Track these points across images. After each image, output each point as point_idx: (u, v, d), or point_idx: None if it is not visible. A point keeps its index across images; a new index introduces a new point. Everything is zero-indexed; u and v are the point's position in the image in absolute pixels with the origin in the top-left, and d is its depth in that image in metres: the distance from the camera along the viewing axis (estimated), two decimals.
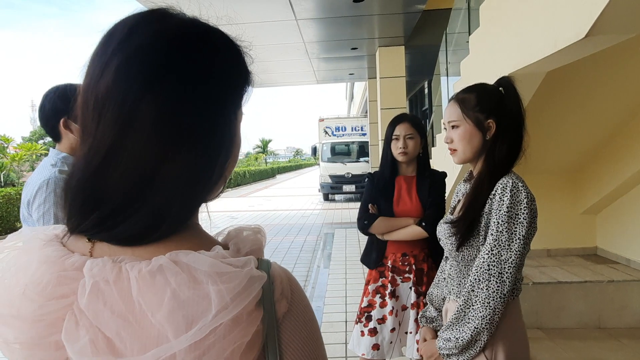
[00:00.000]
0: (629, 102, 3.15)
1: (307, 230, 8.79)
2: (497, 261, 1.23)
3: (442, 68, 5.63)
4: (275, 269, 0.52)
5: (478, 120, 1.35)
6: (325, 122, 15.11)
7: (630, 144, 3.37)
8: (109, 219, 0.47)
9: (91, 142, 0.47)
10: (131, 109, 0.45)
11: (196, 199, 0.51)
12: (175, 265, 0.45)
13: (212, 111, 0.49)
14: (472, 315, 1.24)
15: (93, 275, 0.44)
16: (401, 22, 6.29)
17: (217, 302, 0.43)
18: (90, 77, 0.48)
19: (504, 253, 1.23)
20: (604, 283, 3.39)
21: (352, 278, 4.97)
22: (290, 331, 0.49)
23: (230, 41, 0.52)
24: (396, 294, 2.04)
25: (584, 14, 1.75)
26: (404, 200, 2.05)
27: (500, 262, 1.23)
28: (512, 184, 1.25)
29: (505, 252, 1.23)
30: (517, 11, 2.54)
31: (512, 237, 1.23)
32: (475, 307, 1.24)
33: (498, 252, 1.23)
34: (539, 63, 2.25)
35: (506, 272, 1.22)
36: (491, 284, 1.23)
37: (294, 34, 6.56)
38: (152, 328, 0.43)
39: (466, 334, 1.24)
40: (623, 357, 2.96)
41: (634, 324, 3.35)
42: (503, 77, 1.39)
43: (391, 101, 7.43)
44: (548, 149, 3.49)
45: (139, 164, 0.46)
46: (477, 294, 1.24)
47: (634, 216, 3.62)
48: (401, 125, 2.04)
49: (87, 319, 0.43)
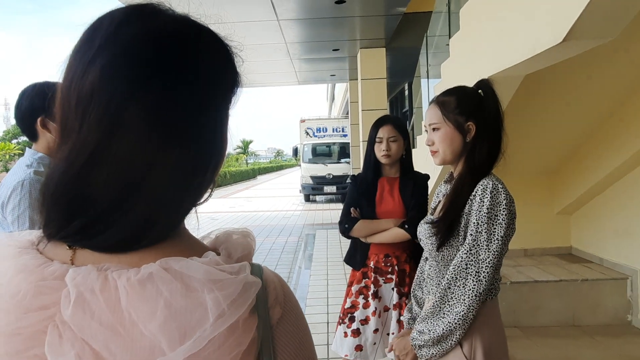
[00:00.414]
0: (603, 106, 3.25)
1: (289, 232, 8.77)
2: (475, 260, 1.25)
3: (422, 70, 5.69)
4: (267, 274, 0.51)
5: (458, 123, 1.37)
6: (307, 123, 15.11)
7: (604, 146, 3.47)
8: (93, 225, 0.44)
9: (73, 143, 0.44)
10: (118, 109, 0.42)
11: (187, 203, 0.49)
12: (166, 272, 0.43)
13: (203, 113, 0.47)
14: (447, 310, 1.26)
15: (77, 284, 0.41)
16: (382, 24, 6.34)
17: (214, 310, 0.42)
18: (73, 73, 0.45)
19: (482, 253, 1.25)
20: (578, 282, 3.48)
21: (333, 279, 4.98)
22: (284, 337, 0.48)
23: (221, 41, 0.50)
24: (379, 295, 2.05)
25: (562, 19, 1.79)
26: (386, 201, 2.06)
27: (478, 262, 1.25)
28: (492, 186, 1.27)
29: (483, 252, 1.25)
30: (497, 15, 2.59)
31: (491, 238, 1.25)
32: (451, 303, 1.26)
33: (476, 251, 1.25)
34: (517, 66, 2.29)
35: (483, 272, 1.24)
36: (468, 282, 1.25)
37: (275, 35, 6.53)
38: (143, 340, 0.41)
39: (439, 328, 1.26)
40: (596, 353, 3.04)
41: (606, 321, 3.45)
42: (482, 80, 1.41)
43: (372, 102, 7.48)
44: (525, 151, 3.57)
45: (126, 167, 0.43)
46: (454, 291, 1.26)
47: (607, 217, 3.73)
48: (384, 128, 2.05)
49: (72, 331, 0.40)
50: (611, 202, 3.67)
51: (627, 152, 3.23)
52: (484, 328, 1.29)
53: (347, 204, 2.14)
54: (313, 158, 14.51)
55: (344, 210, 2.13)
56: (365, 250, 2.09)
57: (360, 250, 2.10)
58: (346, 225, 2.06)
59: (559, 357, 3.00)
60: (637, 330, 3.35)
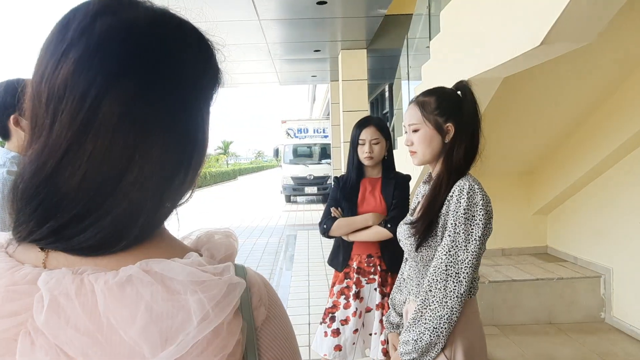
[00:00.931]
0: (579, 109, 3.33)
1: (270, 232, 8.72)
2: (454, 261, 1.25)
3: (403, 72, 5.74)
4: (251, 275, 0.49)
5: (437, 124, 1.37)
6: (288, 124, 15.07)
7: (579, 147, 3.56)
8: (67, 227, 0.42)
9: (44, 141, 0.41)
10: (92, 105, 0.40)
11: (167, 204, 0.46)
12: (147, 275, 0.41)
13: (182, 108, 0.45)
14: (430, 315, 1.25)
15: (50, 288, 0.39)
16: (363, 26, 6.38)
17: (198, 312, 0.40)
18: (44, 67, 0.42)
19: (460, 254, 1.25)
20: (554, 280, 3.56)
21: (315, 280, 4.97)
22: (269, 339, 0.47)
23: (201, 35, 0.49)
24: (360, 296, 2.05)
25: (540, 23, 1.83)
26: (368, 201, 2.07)
27: (457, 263, 1.25)
28: (469, 187, 1.28)
29: (462, 252, 1.25)
30: (477, 18, 2.62)
31: (469, 238, 1.25)
32: (433, 307, 1.25)
33: (455, 252, 1.25)
34: (497, 69, 2.33)
35: (463, 272, 1.25)
36: (448, 284, 1.25)
37: (256, 35, 6.50)
38: (123, 345, 0.39)
39: (425, 335, 1.24)
40: (571, 350, 3.12)
41: (580, 319, 3.54)
42: (461, 81, 1.42)
43: (353, 104, 7.52)
44: (503, 152, 3.63)
45: (101, 167, 0.41)
46: (435, 294, 1.26)
47: (581, 217, 3.83)
48: (367, 130, 2.05)
49: (46, 338, 0.38)
50: (585, 202, 3.77)
51: (600, 154, 3.32)
52: (464, 327, 1.29)
53: (328, 204, 2.17)
54: (294, 159, 14.49)
55: (325, 211, 2.15)
56: (348, 251, 2.09)
57: (343, 251, 2.10)
58: (324, 226, 2.07)
59: (536, 354, 3.06)
60: (610, 327, 3.44)
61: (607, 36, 2.38)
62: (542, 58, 2.15)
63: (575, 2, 1.62)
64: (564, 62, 2.67)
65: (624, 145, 3.14)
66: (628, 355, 3.00)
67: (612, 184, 3.45)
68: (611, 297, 3.48)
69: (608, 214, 3.49)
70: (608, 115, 3.23)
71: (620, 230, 3.36)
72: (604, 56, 2.80)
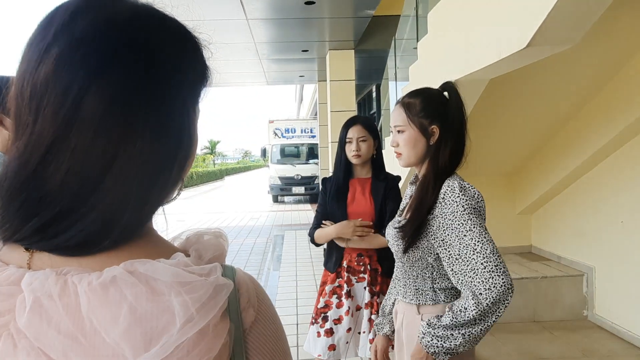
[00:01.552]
0: (563, 110, 3.39)
1: (257, 233, 8.69)
2: (486, 256, 1.17)
3: (390, 73, 5.77)
4: (240, 276, 0.49)
5: (422, 126, 1.36)
6: (275, 124, 15.04)
7: (562, 148, 3.63)
8: (51, 225, 0.41)
9: (27, 138, 0.41)
10: (75, 100, 0.40)
11: (152, 202, 0.46)
12: (131, 276, 0.40)
13: (168, 104, 0.45)
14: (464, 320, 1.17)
15: (33, 290, 0.39)
16: (351, 26, 6.39)
17: (181, 314, 0.39)
18: (27, 64, 0.42)
19: (487, 247, 1.18)
20: (538, 279, 3.61)
21: (302, 280, 4.97)
22: (257, 341, 0.47)
23: (187, 32, 0.48)
24: (351, 294, 2.06)
25: (526, 25, 1.86)
26: (357, 201, 2.07)
27: (489, 256, 1.17)
28: (459, 184, 1.28)
29: (487, 245, 1.18)
30: (464, 20, 2.65)
31: (481, 231, 1.21)
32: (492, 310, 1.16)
33: (482, 247, 1.18)
34: (483, 70, 2.36)
35: (500, 263, 1.17)
36: (496, 281, 1.15)
37: (244, 34, 6.46)
38: (106, 347, 0.38)
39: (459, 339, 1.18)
40: (555, 348, 3.17)
41: (564, 317, 3.61)
42: (447, 82, 1.41)
43: (341, 104, 7.53)
44: (488, 153, 3.68)
45: (85, 163, 0.40)
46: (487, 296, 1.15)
47: (564, 217, 3.90)
48: (354, 128, 2.05)
49: (28, 340, 0.38)
50: (568, 202, 3.84)
51: (582, 155, 3.39)
52: None
53: (317, 210, 2.19)
54: (281, 159, 14.46)
55: (315, 217, 2.18)
56: (340, 253, 2.09)
57: (336, 253, 2.11)
58: (310, 235, 2.16)
59: (521, 352, 3.11)
60: (593, 325, 3.51)
61: (589, 40, 2.43)
62: (528, 60, 2.18)
63: (560, 6, 1.65)
64: (548, 65, 2.71)
65: (605, 147, 3.21)
66: (610, 352, 3.06)
67: (594, 185, 3.52)
68: (593, 295, 3.55)
69: (590, 213, 3.56)
70: (590, 117, 3.29)
71: (602, 230, 3.43)
72: (586, 60, 2.86)
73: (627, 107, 2.93)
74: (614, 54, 2.84)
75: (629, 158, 3.16)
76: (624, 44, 2.76)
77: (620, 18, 2.53)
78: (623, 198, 3.20)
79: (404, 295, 1.42)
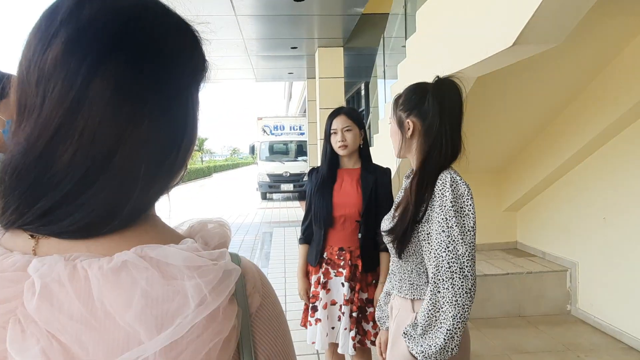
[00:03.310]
0: (548, 108, 3.45)
1: (245, 230, 8.66)
2: (456, 257, 1.21)
3: (379, 70, 5.80)
4: (245, 262, 0.50)
5: (400, 120, 1.39)
6: (264, 121, 14.99)
7: (547, 146, 3.69)
8: (57, 208, 0.41)
9: (34, 121, 0.41)
10: (83, 84, 0.40)
11: (158, 185, 0.47)
12: (142, 260, 0.41)
13: (172, 88, 0.46)
14: (443, 318, 1.20)
15: (42, 275, 0.39)
16: (340, 24, 6.41)
17: (195, 296, 0.40)
18: (34, 50, 0.42)
19: (460, 248, 1.21)
20: (523, 274, 3.67)
21: (291, 277, 4.97)
22: (263, 325, 0.48)
23: (187, 23, 0.50)
24: (327, 287, 2.04)
25: (512, 24, 1.89)
26: (345, 191, 2.04)
27: (458, 258, 1.21)
28: (451, 179, 1.27)
29: (460, 246, 1.21)
30: (452, 18, 2.68)
31: (463, 230, 1.22)
32: (445, 309, 1.20)
33: (454, 247, 1.21)
34: (470, 68, 2.39)
35: (467, 266, 1.20)
36: (455, 282, 1.19)
37: (233, 30, 6.43)
38: (119, 331, 0.39)
39: (439, 340, 1.19)
40: (540, 341, 3.23)
41: (548, 311, 3.68)
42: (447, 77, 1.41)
43: (330, 101, 7.55)
44: (474, 150, 3.68)
45: (93, 145, 0.41)
46: (444, 295, 1.20)
47: (549, 213, 3.97)
48: (338, 119, 2.04)
49: (37, 325, 0.38)
50: (553, 199, 3.91)
51: (566, 153, 3.45)
52: None
53: (306, 203, 2.18)
54: (270, 156, 14.42)
55: (304, 216, 2.18)
56: (319, 244, 2.07)
57: (316, 245, 2.09)
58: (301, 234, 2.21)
59: (506, 346, 3.16)
60: (576, 319, 3.59)
61: (573, 40, 2.48)
62: (514, 58, 2.22)
63: (545, 6, 1.69)
64: (534, 64, 2.76)
65: (588, 145, 3.28)
66: (592, 345, 3.13)
67: (577, 182, 3.59)
68: (577, 290, 3.63)
69: (574, 210, 3.63)
70: (574, 116, 3.36)
71: (585, 226, 3.50)
72: (571, 59, 2.91)
73: (610, 105, 3.00)
74: (597, 54, 2.90)
75: (611, 156, 3.23)
76: (607, 44, 2.82)
77: (603, 19, 2.58)
78: (605, 195, 3.27)
79: (399, 289, 1.42)
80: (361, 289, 2.02)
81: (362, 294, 2.02)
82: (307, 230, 2.17)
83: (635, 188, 3.01)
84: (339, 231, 2.04)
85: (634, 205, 3.02)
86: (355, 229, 2.02)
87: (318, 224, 2.07)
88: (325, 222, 2.03)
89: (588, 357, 2.97)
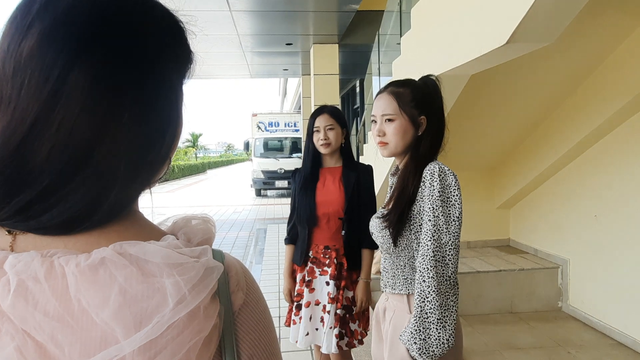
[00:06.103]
0: (541, 107, 3.47)
1: (239, 226, 8.66)
2: (439, 246, 1.24)
3: (374, 67, 5.80)
4: (229, 259, 0.49)
5: (413, 116, 1.38)
6: (259, 117, 14.95)
7: (540, 144, 3.72)
8: (35, 204, 0.40)
9: (10, 115, 0.40)
10: (60, 76, 0.39)
11: (140, 179, 0.45)
12: (121, 257, 0.40)
13: (155, 81, 0.45)
14: (430, 307, 1.22)
15: (18, 272, 0.38)
16: (335, 21, 6.40)
17: (174, 294, 0.39)
18: (9, 40, 0.41)
19: (444, 237, 1.24)
20: (515, 271, 3.71)
21: None
22: (246, 324, 0.47)
23: (169, 13, 0.48)
24: (312, 286, 2.04)
25: (506, 22, 1.90)
26: (327, 189, 2.04)
27: (441, 247, 1.24)
28: (439, 169, 1.29)
29: (444, 235, 1.24)
30: (446, 16, 2.69)
31: (449, 220, 1.25)
32: (431, 298, 1.22)
33: (438, 236, 1.24)
34: (465, 66, 2.40)
35: (448, 255, 1.24)
36: (438, 270, 1.23)
37: (228, 26, 6.40)
38: (95, 329, 0.38)
39: (432, 331, 1.21)
40: (531, 338, 3.26)
41: (539, 308, 3.71)
42: (429, 76, 1.44)
43: (325, 98, 7.53)
44: (468, 147, 3.74)
45: (71, 139, 0.39)
46: (429, 284, 1.23)
47: (541, 210, 4.00)
48: (321, 117, 2.03)
49: (12, 323, 0.37)
50: (545, 197, 3.94)
51: (559, 151, 3.48)
52: None
53: (291, 204, 2.18)
54: (265, 152, 14.39)
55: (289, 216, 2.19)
56: (305, 243, 2.07)
57: (302, 244, 2.09)
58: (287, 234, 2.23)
59: (498, 342, 3.19)
60: (567, 316, 3.63)
61: (566, 39, 2.49)
62: (508, 57, 2.23)
63: (538, 5, 1.70)
64: (528, 62, 2.77)
65: (580, 144, 3.31)
66: (583, 341, 3.17)
67: (569, 180, 3.62)
68: (568, 287, 3.66)
69: (566, 207, 3.66)
70: (566, 114, 3.38)
71: (577, 223, 3.53)
72: (563, 58, 2.93)
73: (603, 104, 3.02)
74: (590, 53, 2.92)
75: (603, 154, 3.25)
76: (600, 43, 2.84)
77: (596, 18, 2.60)
78: (597, 193, 3.30)
79: (392, 286, 1.42)
80: (346, 286, 2.02)
81: (347, 292, 2.02)
82: (292, 230, 2.17)
83: (626, 186, 3.04)
84: (323, 230, 2.03)
85: (624, 203, 3.05)
86: (340, 227, 2.02)
87: (302, 224, 2.07)
88: (309, 221, 2.03)
89: (578, 352, 3.01)
